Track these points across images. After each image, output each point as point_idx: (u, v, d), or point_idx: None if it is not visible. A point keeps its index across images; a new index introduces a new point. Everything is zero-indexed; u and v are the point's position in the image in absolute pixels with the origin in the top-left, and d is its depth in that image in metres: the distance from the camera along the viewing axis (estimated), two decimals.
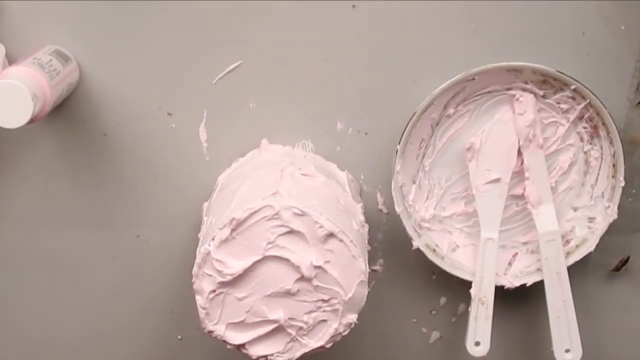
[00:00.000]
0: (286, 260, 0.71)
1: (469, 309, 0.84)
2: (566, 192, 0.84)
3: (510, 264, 0.85)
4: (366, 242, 0.78)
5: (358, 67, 0.82)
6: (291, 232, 0.71)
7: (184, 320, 0.89)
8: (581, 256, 0.83)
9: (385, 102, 0.83)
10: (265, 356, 0.74)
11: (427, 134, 0.82)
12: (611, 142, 0.81)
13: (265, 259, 0.71)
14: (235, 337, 0.73)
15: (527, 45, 0.81)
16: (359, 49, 0.81)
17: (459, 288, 0.87)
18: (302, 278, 0.72)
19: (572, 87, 0.79)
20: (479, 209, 0.83)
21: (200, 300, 0.73)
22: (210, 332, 0.73)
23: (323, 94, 0.83)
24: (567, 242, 0.84)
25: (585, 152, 0.83)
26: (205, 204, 0.82)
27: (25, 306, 0.89)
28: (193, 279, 0.72)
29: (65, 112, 0.82)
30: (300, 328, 0.73)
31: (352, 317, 0.74)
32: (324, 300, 0.73)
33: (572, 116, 0.81)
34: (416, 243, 0.82)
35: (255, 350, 0.74)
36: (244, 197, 0.73)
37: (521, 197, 0.83)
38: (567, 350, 0.83)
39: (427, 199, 0.84)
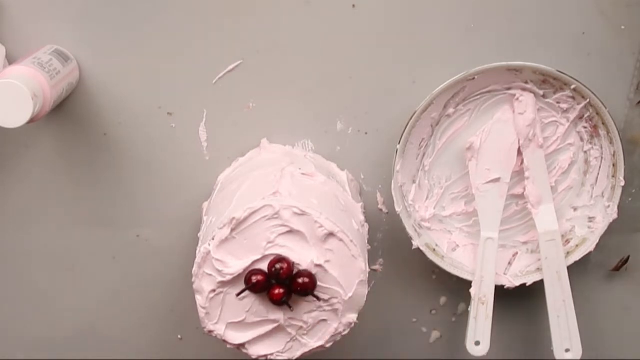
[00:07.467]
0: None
1: (469, 309, 0.84)
2: (566, 192, 0.84)
3: (510, 263, 0.85)
4: (366, 241, 0.78)
5: (358, 67, 0.82)
6: (291, 231, 0.71)
7: (184, 320, 0.89)
8: (581, 256, 0.83)
9: (385, 102, 0.83)
10: (265, 356, 0.74)
11: (427, 134, 0.82)
12: (611, 142, 0.81)
13: (265, 258, 0.71)
14: (235, 337, 0.73)
15: (527, 45, 0.81)
16: (359, 49, 0.81)
17: (459, 288, 0.87)
18: None
19: (572, 86, 0.79)
20: (479, 209, 0.83)
21: (200, 300, 0.72)
22: (210, 332, 0.73)
23: (323, 94, 0.83)
24: (567, 241, 0.84)
25: (585, 152, 0.83)
26: (205, 204, 0.82)
27: (24, 306, 0.89)
28: (193, 279, 0.72)
29: (65, 112, 0.82)
30: (300, 328, 0.73)
31: (352, 317, 0.74)
32: (324, 300, 0.72)
33: (572, 116, 0.81)
34: (416, 243, 0.82)
35: (255, 350, 0.74)
36: (244, 196, 0.73)
37: (521, 196, 0.83)
38: (567, 350, 0.83)
39: (427, 198, 0.84)
